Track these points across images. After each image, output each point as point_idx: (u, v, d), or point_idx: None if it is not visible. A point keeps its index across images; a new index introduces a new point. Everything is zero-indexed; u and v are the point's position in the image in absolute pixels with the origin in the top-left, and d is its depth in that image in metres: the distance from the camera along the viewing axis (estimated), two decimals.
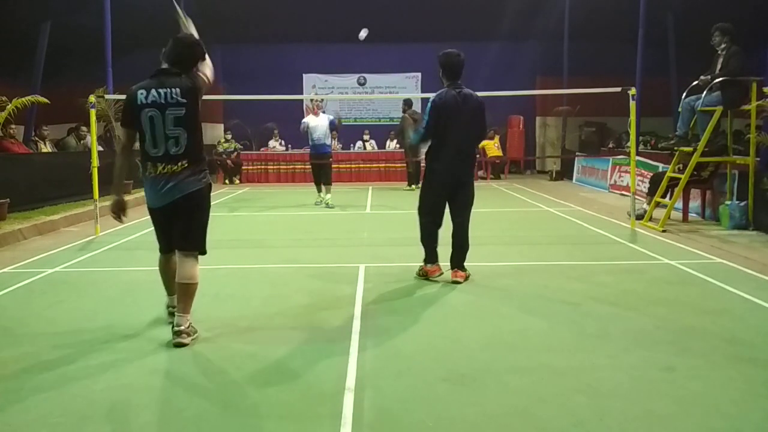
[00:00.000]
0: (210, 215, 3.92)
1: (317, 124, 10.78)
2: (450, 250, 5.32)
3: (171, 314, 4.00)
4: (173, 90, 3.68)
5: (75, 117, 13.32)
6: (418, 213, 5.42)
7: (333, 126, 11.01)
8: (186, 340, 3.71)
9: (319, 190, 11.03)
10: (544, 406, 2.90)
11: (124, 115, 3.84)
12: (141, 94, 3.71)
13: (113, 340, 3.90)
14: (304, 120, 11.12)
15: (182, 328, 3.71)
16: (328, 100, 18.02)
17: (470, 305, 4.65)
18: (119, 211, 3.91)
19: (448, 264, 5.33)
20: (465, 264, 5.31)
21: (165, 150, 3.70)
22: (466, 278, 5.28)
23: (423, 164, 7.60)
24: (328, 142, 10.97)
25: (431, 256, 5.33)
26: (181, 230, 3.81)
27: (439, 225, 5.34)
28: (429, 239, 5.33)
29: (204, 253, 3.89)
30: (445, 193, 5.28)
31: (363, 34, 6.17)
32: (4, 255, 6.66)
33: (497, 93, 11.29)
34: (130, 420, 2.82)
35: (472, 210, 5.37)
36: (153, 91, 3.69)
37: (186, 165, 3.73)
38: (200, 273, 3.82)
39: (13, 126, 10.79)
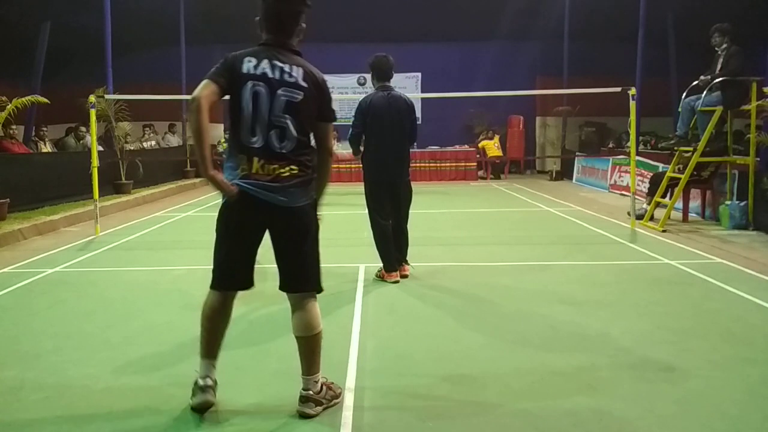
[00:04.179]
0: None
1: None
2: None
3: (203, 389, 2.82)
4: (294, 68, 2.77)
5: (75, 117, 13.34)
6: (369, 216, 5.48)
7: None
8: (314, 411, 2.81)
9: None
10: (544, 406, 2.90)
11: (216, 70, 2.75)
12: (249, 61, 2.74)
13: (113, 340, 3.90)
14: None
15: (310, 393, 2.84)
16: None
17: (470, 305, 4.65)
18: (222, 190, 2.72)
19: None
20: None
21: (265, 141, 2.73)
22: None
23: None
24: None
25: (389, 264, 5.34)
26: (292, 264, 2.87)
27: (389, 221, 5.38)
28: (384, 245, 5.35)
29: (321, 290, 2.99)
30: (384, 191, 5.36)
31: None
32: (4, 255, 6.66)
33: (497, 93, 11.34)
34: (131, 420, 2.82)
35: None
36: (265, 62, 2.75)
37: (295, 172, 2.77)
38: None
39: (13, 126, 10.80)
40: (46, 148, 12.29)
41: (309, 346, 2.90)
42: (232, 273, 2.88)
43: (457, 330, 4.06)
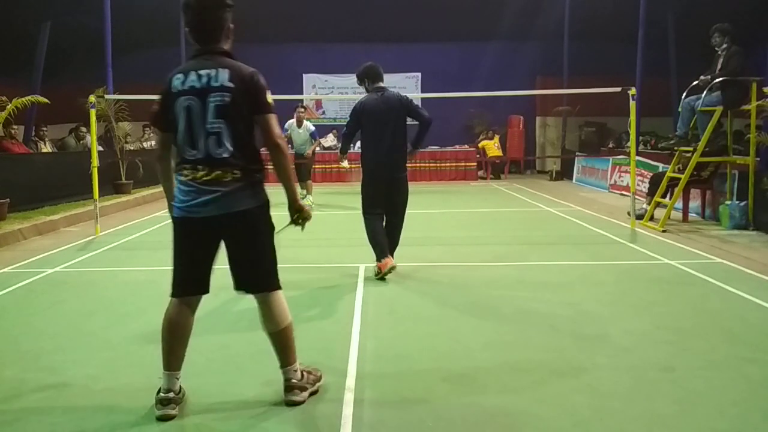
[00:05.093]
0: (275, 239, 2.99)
1: (298, 134, 11.06)
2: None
3: (164, 403, 2.80)
4: (219, 71, 2.78)
5: (75, 117, 13.35)
6: (362, 211, 5.55)
7: (315, 137, 11.22)
8: (300, 397, 2.92)
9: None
10: (544, 406, 2.90)
11: (156, 112, 2.90)
12: (177, 79, 2.81)
13: (113, 340, 3.90)
14: (286, 126, 11.09)
15: (293, 381, 2.94)
16: (328, 100, 17.91)
17: (470, 305, 4.65)
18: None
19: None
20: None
21: (205, 151, 2.77)
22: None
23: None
24: (308, 150, 11.08)
25: (381, 253, 5.39)
26: (246, 266, 2.91)
27: (383, 217, 5.50)
28: (376, 236, 5.44)
29: (280, 288, 2.99)
30: (381, 188, 5.45)
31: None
32: (4, 255, 6.66)
33: (497, 93, 11.36)
34: (130, 420, 2.81)
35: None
36: (192, 74, 2.79)
37: (238, 176, 2.79)
38: None
39: (13, 126, 10.80)
40: (46, 148, 12.29)
41: (280, 339, 2.95)
42: (188, 279, 2.93)
43: (457, 330, 4.06)
